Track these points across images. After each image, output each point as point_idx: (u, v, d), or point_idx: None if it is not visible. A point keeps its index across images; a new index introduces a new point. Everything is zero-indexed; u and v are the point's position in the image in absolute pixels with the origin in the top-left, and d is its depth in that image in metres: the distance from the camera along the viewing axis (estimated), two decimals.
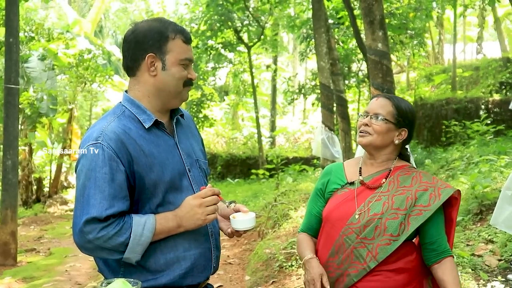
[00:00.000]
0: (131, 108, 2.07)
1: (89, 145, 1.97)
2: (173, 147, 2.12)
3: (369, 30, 5.91)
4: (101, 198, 1.91)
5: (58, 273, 7.23)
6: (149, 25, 2.08)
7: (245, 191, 14.10)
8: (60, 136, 15.99)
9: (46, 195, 15.33)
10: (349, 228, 2.29)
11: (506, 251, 5.19)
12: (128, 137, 1.99)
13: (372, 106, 2.37)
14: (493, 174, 7.46)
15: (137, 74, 2.09)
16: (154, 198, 2.02)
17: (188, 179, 2.12)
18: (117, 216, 1.93)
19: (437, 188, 2.29)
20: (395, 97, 2.40)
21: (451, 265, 2.28)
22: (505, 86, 16.18)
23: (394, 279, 2.26)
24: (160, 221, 1.98)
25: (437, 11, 16.63)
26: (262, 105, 26.13)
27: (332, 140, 9.23)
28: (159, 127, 2.10)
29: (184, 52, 2.08)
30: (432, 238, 2.30)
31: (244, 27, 17.03)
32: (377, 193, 2.33)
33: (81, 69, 14.03)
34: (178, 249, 2.05)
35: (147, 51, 2.04)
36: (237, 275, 6.81)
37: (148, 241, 1.96)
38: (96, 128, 2.02)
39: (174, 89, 2.08)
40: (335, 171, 2.49)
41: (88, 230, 1.90)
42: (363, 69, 14.95)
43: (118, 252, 1.94)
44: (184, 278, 2.07)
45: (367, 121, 2.34)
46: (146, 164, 1.99)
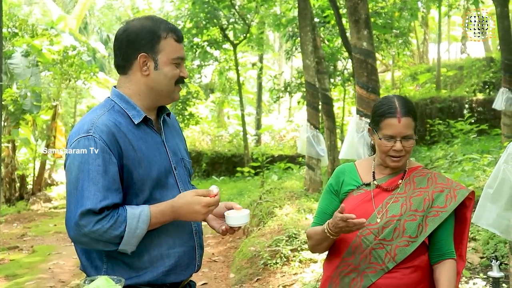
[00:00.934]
0: (121, 103, 2.07)
1: (80, 138, 1.97)
2: (160, 145, 2.12)
3: (354, 29, 5.94)
4: (95, 190, 1.91)
5: (41, 271, 7.18)
6: (141, 24, 2.08)
7: (230, 189, 14.09)
8: (44, 133, 15.84)
9: (30, 192, 15.18)
10: (367, 229, 2.29)
11: (488, 249, 5.25)
12: (118, 130, 2.00)
13: (398, 129, 2.28)
14: (476, 173, 7.54)
15: (128, 72, 2.09)
16: (141, 194, 2.02)
17: (174, 177, 2.13)
18: (111, 209, 1.92)
19: (453, 189, 2.32)
20: (408, 107, 2.33)
21: (449, 267, 2.29)
22: (488, 85, 16.34)
23: (410, 277, 2.28)
24: (155, 215, 1.98)
25: (422, 10, 16.73)
26: (248, 103, 26.14)
27: (317, 138, 9.24)
28: (148, 124, 2.10)
29: (176, 51, 2.08)
30: (439, 238, 2.31)
31: (230, 25, 16.99)
32: (394, 195, 2.34)
33: (65, 66, 13.90)
34: (163, 246, 2.05)
35: (139, 51, 2.05)
36: (221, 272, 6.81)
37: (143, 233, 1.96)
38: (87, 121, 2.01)
39: (166, 88, 2.09)
40: (348, 171, 2.47)
41: (84, 223, 1.89)
42: (349, 68, 14.99)
43: (113, 244, 1.94)
44: (167, 276, 2.07)
45: (400, 147, 2.29)
46: (135, 159, 2.00)
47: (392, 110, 2.30)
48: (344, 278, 2.32)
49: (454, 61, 22.10)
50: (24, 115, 13.99)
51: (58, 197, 15.56)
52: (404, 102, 2.34)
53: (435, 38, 21.32)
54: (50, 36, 14.19)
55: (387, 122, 2.30)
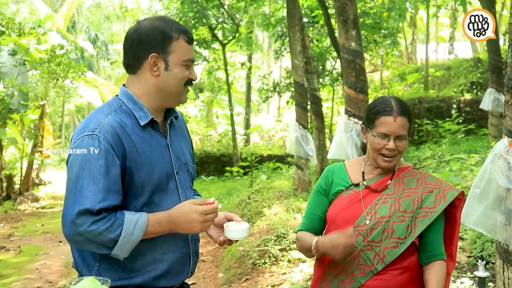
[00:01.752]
0: (128, 103, 2.06)
1: (85, 136, 1.96)
2: (165, 148, 2.11)
3: (342, 29, 5.96)
4: (95, 190, 1.89)
5: (29, 271, 7.13)
6: (152, 24, 2.07)
7: (219, 188, 14.08)
8: (31, 132, 15.73)
9: (17, 192, 15.06)
10: (356, 231, 2.28)
11: (475, 248, 5.29)
12: (123, 131, 1.99)
13: (393, 128, 2.28)
14: (464, 173, 7.59)
15: (138, 72, 2.08)
16: (141, 197, 2.00)
17: (175, 181, 2.11)
18: (110, 211, 1.91)
19: (442, 190, 2.31)
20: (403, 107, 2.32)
21: (439, 268, 2.30)
22: (476, 85, 16.45)
23: (399, 278, 2.28)
24: (153, 224, 1.97)
25: (411, 11, 16.81)
26: (237, 102, 26.11)
27: (306, 138, 9.25)
28: (154, 126, 2.09)
29: (187, 52, 2.08)
30: (429, 239, 2.31)
31: (219, 24, 16.97)
32: (383, 196, 2.33)
33: (53, 65, 13.79)
34: (156, 251, 2.04)
35: (150, 51, 2.04)
36: (210, 272, 6.80)
37: (138, 239, 1.94)
38: (93, 119, 2.00)
39: (176, 89, 2.08)
40: (337, 171, 2.46)
41: (80, 222, 1.87)
42: (337, 68, 15.03)
43: (106, 248, 1.92)
44: (158, 280, 2.06)
45: (393, 146, 2.28)
46: (137, 161, 1.99)
47: (388, 108, 2.31)
48: (334, 280, 2.32)
49: (442, 62, 22.22)
50: (11, 115, 13.87)
51: (45, 197, 15.46)
52: (401, 102, 2.35)
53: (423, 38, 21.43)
54: (38, 35, 14.09)
55: (383, 120, 2.29)
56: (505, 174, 2.62)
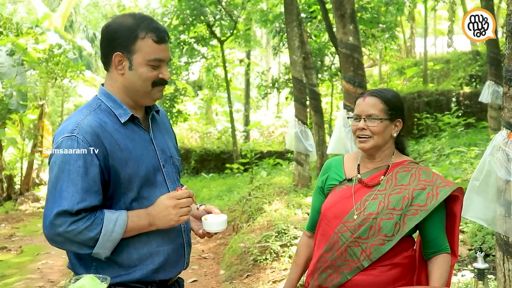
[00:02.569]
0: (107, 102, 2.05)
1: (64, 137, 1.95)
2: (148, 143, 2.10)
3: (340, 24, 5.95)
4: (74, 191, 1.89)
5: (30, 271, 7.14)
6: (121, 22, 2.04)
7: (219, 185, 14.08)
8: (31, 132, 15.73)
9: (18, 192, 15.07)
10: (344, 226, 2.28)
11: (476, 241, 5.29)
12: (103, 131, 1.97)
13: (362, 107, 2.30)
14: (464, 166, 7.59)
15: (110, 69, 2.08)
16: (129, 192, 2.00)
17: (162, 174, 2.11)
18: (89, 211, 1.91)
19: (436, 187, 2.26)
20: (379, 90, 2.35)
21: (442, 260, 2.29)
22: (475, 79, 16.44)
23: (388, 274, 2.26)
24: (132, 219, 1.97)
25: (408, 5, 16.78)
26: (236, 99, 26.09)
27: (306, 133, 9.24)
28: (135, 122, 2.08)
29: (154, 52, 2.02)
30: (430, 235, 2.29)
31: (217, 21, 16.95)
32: (374, 191, 2.31)
33: (51, 64, 13.79)
34: (152, 244, 2.05)
35: (115, 49, 2.01)
36: (211, 269, 6.81)
37: (118, 237, 1.95)
38: (72, 121, 1.99)
39: (142, 89, 2.04)
40: (334, 166, 2.47)
41: (59, 223, 1.88)
42: (336, 63, 15.01)
43: (87, 247, 1.93)
44: (157, 273, 2.07)
45: (363, 125, 2.29)
46: (121, 158, 1.98)
47: (364, 92, 2.38)
48: (322, 274, 2.32)
49: (441, 55, 22.21)
50: (11, 115, 13.88)
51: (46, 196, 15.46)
52: (381, 88, 2.39)
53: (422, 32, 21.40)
54: (35, 35, 14.07)
55: (357, 102, 2.36)
56: (504, 166, 2.62)
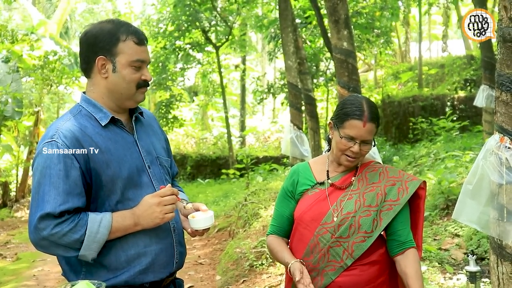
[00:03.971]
0: (88, 107, 2.08)
1: (45, 143, 1.98)
2: (132, 144, 2.12)
3: (334, 29, 5.97)
4: (56, 194, 1.91)
5: (26, 278, 7.12)
6: (101, 27, 2.08)
7: (215, 191, 14.08)
8: (26, 139, 15.72)
9: (13, 199, 15.05)
10: (324, 228, 2.31)
11: (471, 245, 5.31)
12: (83, 134, 2.00)
13: (361, 133, 2.29)
14: (459, 170, 7.60)
15: (91, 76, 2.10)
16: (113, 194, 2.02)
17: (148, 175, 2.12)
18: (72, 213, 1.93)
19: (404, 182, 2.35)
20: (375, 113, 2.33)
21: (413, 257, 2.31)
22: (469, 83, 16.50)
23: (369, 272, 2.31)
24: (116, 219, 1.98)
25: (403, 10, 16.86)
26: (232, 105, 26.11)
27: (301, 138, 9.26)
28: (117, 124, 2.10)
29: (136, 53, 2.06)
30: (394, 228, 2.33)
31: (212, 27, 16.99)
32: (348, 192, 2.36)
33: (46, 71, 13.78)
34: (139, 245, 2.06)
35: (97, 54, 2.05)
36: (208, 275, 6.80)
37: (104, 238, 1.96)
38: (52, 127, 2.03)
39: (126, 91, 2.08)
40: (302, 171, 2.49)
41: (42, 227, 1.89)
42: (331, 68, 15.04)
43: (73, 249, 1.94)
44: (145, 274, 2.07)
45: (357, 149, 2.30)
46: (102, 160, 2.00)
47: (359, 112, 2.30)
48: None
49: (436, 60, 22.28)
50: (6, 122, 13.86)
51: None
52: (372, 107, 2.35)
53: (417, 37, 21.48)
54: (31, 42, 14.06)
55: (352, 123, 2.30)
56: (497, 170, 2.63)
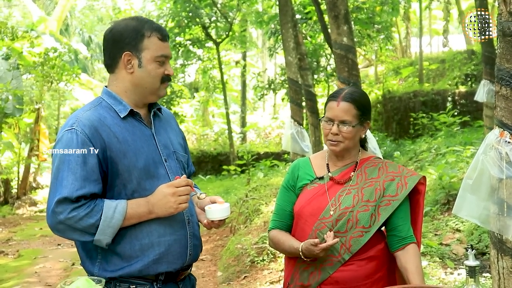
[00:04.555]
0: (108, 100, 2.16)
1: (65, 131, 2.07)
2: (149, 137, 2.18)
3: (334, 25, 5.96)
4: (73, 179, 1.99)
5: (28, 275, 7.13)
6: (126, 24, 2.16)
7: (216, 187, 14.09)
8: (27, 136, 15.72)
9: (15, 196, 15.05)
10: (322, 223, 2.32)
11: (472, 240, 5.31)
12: (102, 124, 2.08)
13: (335, 112, 2.34)
14: (460, 165, 7.60)
15: (115, 71, 2.17)
16: (129, 184, 2.08)
17: (164, 168, 2.18)
18: (89, 199, 2.00)
19: (403, 177, 2.35)
20: (352, 95, 2.38)
21: (414, 253, 2.31)
22: (470, 78, 16.47)
23: (366, 267, 2.31)
24: (131, 206, 2.05)
25: (403, 5, 16.82)
26: (233, 101, 26.09)
27: (302, 134, 9.26)
28: (136, 117, 2.17)
29: (160, 49, 2.14)
30: (394, 224, 2.34)
31: (212, 23, 16.95)
32: (347, 187, 2.36)
33: (47, 68, 13.77)
34: (153, 234, 2.11)
35: (123, 49, 2.12)
36: (209, 271, 6.82)
37: (118, 223, 2.02)
38: (73, 116, 2.12)
39: (151, 85, 2.15)
40: (302, 166, 2.50)
41: (60, 211, 1.96)
42: (332, 64, 15.02)
43: (89, 234, 2.00)
44: (159, 264, 2.11)
45: (336, 130, 2.33)
46: (119, 150, 2.07)
47: (336, 94, 2.40)
48: (303, 273, 2.35)
49: (436, 55, 22.24)
50: (7, 119, 13.86)
51: (43, 201, 15.43)
52: (353, 91, 2.41)
53: (417, 32, 21.45)
54: (31, 38, 14.05)
55: (329, 105, 2.38)
56: (497, 165, 2.63)
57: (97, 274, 2.07)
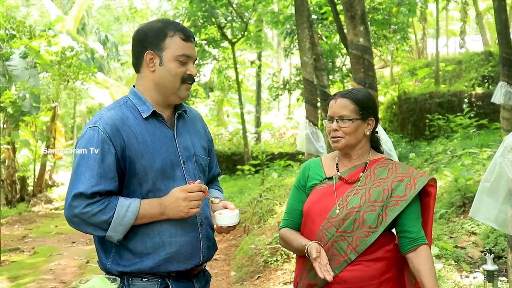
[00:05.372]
0: (134, 100, 2.22)
1: (88, 128, 2.13)
2: (170, 139, 2.21)
3: (350, 25, 5.93)
4: (90, 176, 2.05)
5: (43, 272, 7.19)
6: (151, 25, 2.24)
7: (230, 187, 14.10)
8: (44, 134, 15.85)
9: (30, 194, 15.19)
10: (329, 222, 2.33)
11: (488, 243, 5.25)
12: (124, 123, 2.13)
13: (333, 109, 2.39)
14: (476, 167, 7.53)
15: (140, 70, 2.23)
16: (145, 183, 2.12)
17: (181, 170, 2.21)
18: (104, 196, 2.05)
19: (413, 178, 2.34)
20: (350, 91, 2.42)
21: (426, 254, 2.28)
22: (487, 79, 16.33)
23: (373, 268, 2.30)
24: (144, 206, 2.09)
25: (420, 5, 16.71)
26: (247, 101, 26.13)
27: (317, 135, 9.23)
28: (158, 118, 2.21)
29: (181, 48, 2.17)
30: (405, 225, 2.32)
31: (228, 23, 16.98)
32: (355, 187, 2.37)
33: (63, 67, 13.87)
34: (164, 234, 2.15)
35: (146, 48, 2.18)
36: (222, 270, 6.82)
37: (130, 222, 2.07)
38: (97, 114, 2.19)
39: (171, 84, 2.19)
40: (313, 166, 2.52)
41: (75, 205, 2.03)
42: (347, 64, 14.98)
43: (101, 229, 2.06)
44: (170, 263, 2.15)
45: (335, 126, 2.37)
46: (138, 150, 2.12)
47: (335, 94, 2.43)
48: (310, 272, 2.34)
49: (453, 56, 22.08)
50: (24, 117, 13.98)
51: (59, 198, 15.56)
52: (352, 89, 2.45)
53: (434, 33, 21.30)
54: (48, 37, 14.15)
55: (329, 104, 2.43)
56: None
57: (109, 267, 2.13)
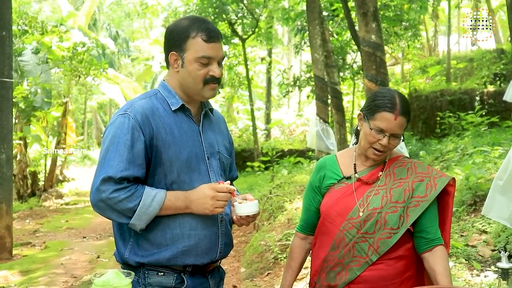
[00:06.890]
0: (163, 92, 2.25)
1: (118, 115, 2.16)
2: (196, 133, 2.24)
3: (362, 22, 5.92)
4: (119, 160, 2.06)
5: (54, 266, 7.25)
6: (178, 23, 2.23)
7: (240, 183, 14.10)
8: (55, 129, 15.94)
9: (42, 189, 15.29)
10: (349, 223, 2.30)
11: (499, 241, 5.22)
12: (153, 113, 2.16)
13: (391, 126, 2.26)
14: (487, 165, 7.49)
15: (169, 67, 2.27)
16: (170, 174, 2.14)
17: (206, 165, 2.24)
18: (132, 182, 2.07)
19: (433, 178, 2.31)
20: (406, 107, 2.30)
21: (442, 254, 2.27)
22: (499, 77, 16.20)
23: (395, 267, 2.29)
24: (169, 198, 2.11)
25: (432, 2, 16.62)
26: (257, 97, 26.11)
27: (327, 132, 9.23)
28: (186, 112, 2.24)
29: (202, 50, 2.16)
30: (423, 226, 2.31)
31: (239, 19, 17.00)
32: (375, 187, 2.33)
33: (75, 62, 13.96)
34: (185, 226, 2.16)
35: (171, 49, 2.21)
36: (232, 267, 6.83)
37: (155, 212, 2.08)
38: (128, 103, 2.22)
39: (193, 86, 2.20)
40: (329, 164, 2.47)
41: (103, 189, 2.04)
42: (358, 61, 14.94)
43: (126, 217, 2.08)
44: (187, 256, 2.16)
45: (386, 142, 2.27)
46: (165, 140, 2.14)
47: (392, 105, 2.27)
48: (330, 273, 2.33)
49: (464, 53, 21.94)
50: (35, 112, 14.07)
51: (69, 194, 15.65)
52: (404, 101, 2.31)
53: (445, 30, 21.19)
54: (60, 33, 14.24)
55: (384, 115, 2.27)
56: None
57: (127, 256, 2.14)
